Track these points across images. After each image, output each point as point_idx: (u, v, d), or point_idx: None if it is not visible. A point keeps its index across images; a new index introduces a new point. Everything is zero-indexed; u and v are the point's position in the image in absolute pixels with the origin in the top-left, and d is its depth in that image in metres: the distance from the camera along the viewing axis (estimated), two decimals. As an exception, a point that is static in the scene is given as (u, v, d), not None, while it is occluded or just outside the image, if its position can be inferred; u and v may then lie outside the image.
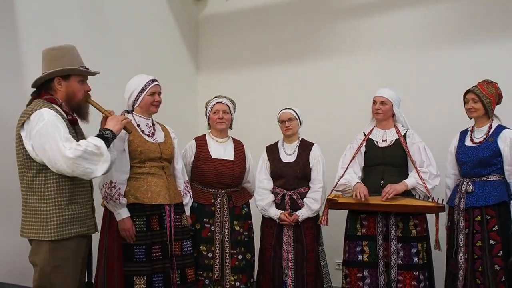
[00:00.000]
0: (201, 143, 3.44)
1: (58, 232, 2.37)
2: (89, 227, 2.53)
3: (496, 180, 3.17)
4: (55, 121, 2.36)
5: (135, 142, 2.92)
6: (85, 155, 2.33)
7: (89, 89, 2.61)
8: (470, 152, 3.25)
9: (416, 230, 3.24)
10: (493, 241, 3.10)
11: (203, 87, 5.17)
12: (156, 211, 2.92)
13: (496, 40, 4.00)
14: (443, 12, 4.22)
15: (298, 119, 3.62)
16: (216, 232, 3.30)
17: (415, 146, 3.33)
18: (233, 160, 3.43)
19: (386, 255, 3.21)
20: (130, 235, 2.82)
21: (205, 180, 3.36)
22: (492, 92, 3.22)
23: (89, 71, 2.59)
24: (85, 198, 2.53)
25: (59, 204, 2.40)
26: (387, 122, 3.44)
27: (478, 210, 3.16)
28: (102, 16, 3.94)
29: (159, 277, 2.86)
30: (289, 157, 3.58)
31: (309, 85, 4.67)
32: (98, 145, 2.38)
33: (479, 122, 3.29)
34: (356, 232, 3.32)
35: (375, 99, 3.42)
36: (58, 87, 2.50)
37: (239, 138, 3.66)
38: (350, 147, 3.49)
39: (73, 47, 2.59)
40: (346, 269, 3.33)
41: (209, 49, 5.21)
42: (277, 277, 3.44)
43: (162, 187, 2.95)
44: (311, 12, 4.73)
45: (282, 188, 3.54)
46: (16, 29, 3.17)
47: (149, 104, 3.01)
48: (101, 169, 2.39)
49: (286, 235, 3.47)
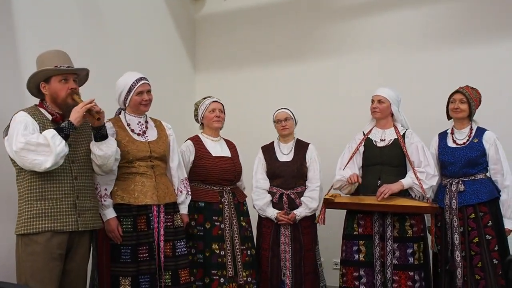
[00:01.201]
0: (198, 142, 3.44)
1: (25, 226, 2.45)
2: (63, 223, 2.51)
3: (483, 178, 3.30)
4: (21, 121, 2.46)
5: (122, 142, 2.90)
6: (29, 146, 2.37)
7: (74, 87, 2.63)
8: (456, 152, 3.32)
9: (413, 230, 3.24)
10: (489, 236, 3.19)
11: (201, 86, 5.17)
12: (143, 212, 2.89)
13: (496, 40, 4.01)
14: (443, 12, 4.23)
15: (294, 119, 3.64)
16: (225, 229, 3.30)
17: (413, 146, 3.33)
18: (231, 157, 3.46)
19: (383, 255, 3.22)
20: (116, 236, 2.81)
21: (210, 178, 3.35)
22: (477, 97, 3.36)
23: (58, 69, 2.59)
24: (60, 194, 2.52)
25: (29, 200, 2.48)
26: (386, 121, 3.44)
27: (471, 208, 3.24)
28: (100, 16, 3.94)
29: (145, 278, 2.83)
30: (285, 156, 3.60)
31: (308, 85, 4.67)
32: (46, 136, 2.40)
33: (460, 124, 3.40)
34: (353, 231, 3.33)
35: (373, 98, 3.43)
36: (44, 91, 2.62)
37: (236, 137, 3.67)
38: (349, 147, 3.49)
39: (58, 51, 2.68)
40: (343, 268, 3.35)
41: (206, 49, 5.21)
42: (275, 277, 3.44)
43: (149, 187, 2.91)
44: (310, 12, 4.74)
45: (279, 187, 3.55)
46: (14, 29, 3.17)
47: (137, 104, 2.98)
48: (50, 160, 2.39)
49: (283, 234, 3.47)
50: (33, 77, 2.59)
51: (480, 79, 3.35)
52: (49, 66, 2.57)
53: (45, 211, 2.47)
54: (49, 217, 2.47)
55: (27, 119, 2.48)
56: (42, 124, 2.53)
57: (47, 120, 2.57)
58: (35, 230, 2.44)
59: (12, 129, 2.46)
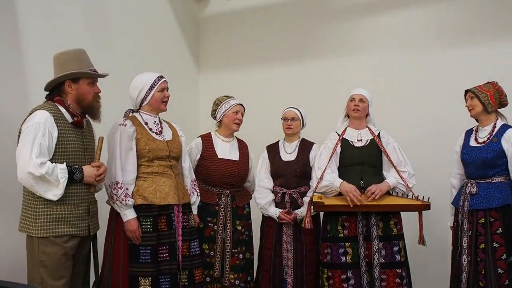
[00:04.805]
0: (207, 141, 3.45)
1: (45, 229, 2.47)
2: (80, 228, 2.57)
3: (501, 181, 3.11)
4: (39, 126, 2.44)
5: (142, 140, 2.89)
6: (39, 180, 2.40)
7: (99, 91, 2.72)
8: (474, 153, 3.19)
9: (397, 228, 3.26)
10: (496, 244, 3.03)
11: (204, 86, 5.20)
12: (164, 212, 2.89)
13: (498, 40, 3.98)
14: (443, 12, 4.22)
15: (302, 120, 3.63)
16: (218, 231, 3.32)
17: (390, 146, 3.35)
18: (238, 161, 3.46)
19: (368, 255, 3.21)
20: (136, 236, 2.80)
21: (211, 180, 3.38)
22: (489, 88, 3.18)
23: (98, 74, 2.68)
24: (78, 200, 2.57)
25: (48, 203, 2.48)
26: (361, 122, 3.43)
27: (482, 212, 3.09)
28: (104, 15, 3.95)
29: (166, 278, 2.83)
30: (289, 155, 3.60)
31: (310, 85, 4.68)
32: (59, 180, 2.45)
33: (482, 120, 3.24)
34: (338, 233, 3.28)
35: (353, 96, 3.41)
36: (68, 89, 2.61)
37: (240, 137, 3.67)
38: (325, 147, 3.44)
39: (83, 51, 2.69)
40: (328, 271, 3.27)
41: (210, 49, 5.24)
42: (277, 276, 3.45)
43: (171, 187, 2.92)
44: (312, 12, 4.74)
45: (282, 187, 3.55)
46: (17, 29, 3.18)
47: (159, 100, 2.97)
48: (47, 196, 2.45)
49: (285, 233, 3.48)
50: (69, 75, 2.58)
51: (482, 79, 3.30)
52: (83, 68, 2.61)
53: (65, 215, 2.51)
54: (68, 221, 2.52)
55: (45, 128, 2.45)
56: (63, 129, 2.53)
57: (67, 124, 2.57)
58: (56, 234, 2.49)
59: (28, 131, 2.43)
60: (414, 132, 4.16)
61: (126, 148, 2.83)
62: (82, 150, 2.63)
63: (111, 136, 2.89)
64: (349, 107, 3.43)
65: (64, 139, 2.53)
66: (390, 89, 4.30)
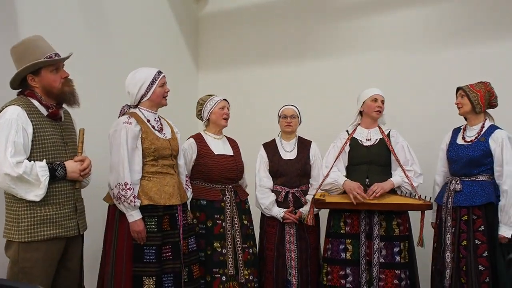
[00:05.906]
0: (200, 140, 3.43)
1: (28, 233, 2.31)
2: (68, 228, 2.45)
3: (485, 180, 3.15)
4: (12, 123, 2.28)
5: (148, 140, 2.85)
6: (18, 181, 2.25)
7: (67, 75, 2.51)
8: (460, 150, 3.22)
9: (399, 229, 3.25)
10: (478, 241, 3.08)
11: (203, 85, 5.19)
12: (168, 212, 2.87)
13: (496, 39, 3.99)
14: (443, 12, 4.22)
15: (299, 118, 3.64)
16: (227, 228, 3.29)
17: (399, 145, 3.35)
18: (233, 155, 3.45)
19: (369, 253, 3.22)
20: (142, 237, 2.77)
21: (212, 176, 3.34)
22: (480, 88, 3.21)
23: (57, 59, 2.45)
24: (63, 198, 2.44)
25: (30, 205, 2.33)
26: (373, 121, 3.45)
27: (465, 209, 3.14)
28: (102, 14, 3.93)
29: (169, 277, 2.82)
30: (289, 154, 3.59)
31: (310, 84, 4.68)
32: (40, 179, 2.30)
33: (470, 120, 3.28)
34: (339, 230, 3.31)
35: (376, 97, 3.40)
36: (33, 83, 2.44)
37: (238, 136, 3.69)
38: (334, 146, 3.46)
39: (38, 37, 2.48)
40: (328, 266, 3.31)
41: (209, 48, 5.24)
42: (281, 277, 3.43)
43: (174, 187, 2.91)
44: (312, 11, 4.74)
45: (283, 186, 3.54)
46: (16, 28, 3.17)
47: (161, 95, 2.94)
48: (28, 197, 2.30)
49: (288, 233, 3.47)
50: (22, 72, 2.39)
51: (480, 78, 3.31)
52: (38, 57, 2.39)
53: (50, 216, 2.37)
54: (54, 222, 2.38)
55: (18, 121, 2.29)
56: (38, 124, 2.38)
57: (43, 118, 2.41)
58: (39, 238, 2.33)
59: (1, 128, 2.27)
60: (413, 134, 4.14)
61: (132, 147, 2.79)
62: (62, 144, 2.49)
63: (114, 133, 2.82)
64: (370, 107, 3.39)
65: (41, 134, 2.37)
66: (390, 89, 4.29)
